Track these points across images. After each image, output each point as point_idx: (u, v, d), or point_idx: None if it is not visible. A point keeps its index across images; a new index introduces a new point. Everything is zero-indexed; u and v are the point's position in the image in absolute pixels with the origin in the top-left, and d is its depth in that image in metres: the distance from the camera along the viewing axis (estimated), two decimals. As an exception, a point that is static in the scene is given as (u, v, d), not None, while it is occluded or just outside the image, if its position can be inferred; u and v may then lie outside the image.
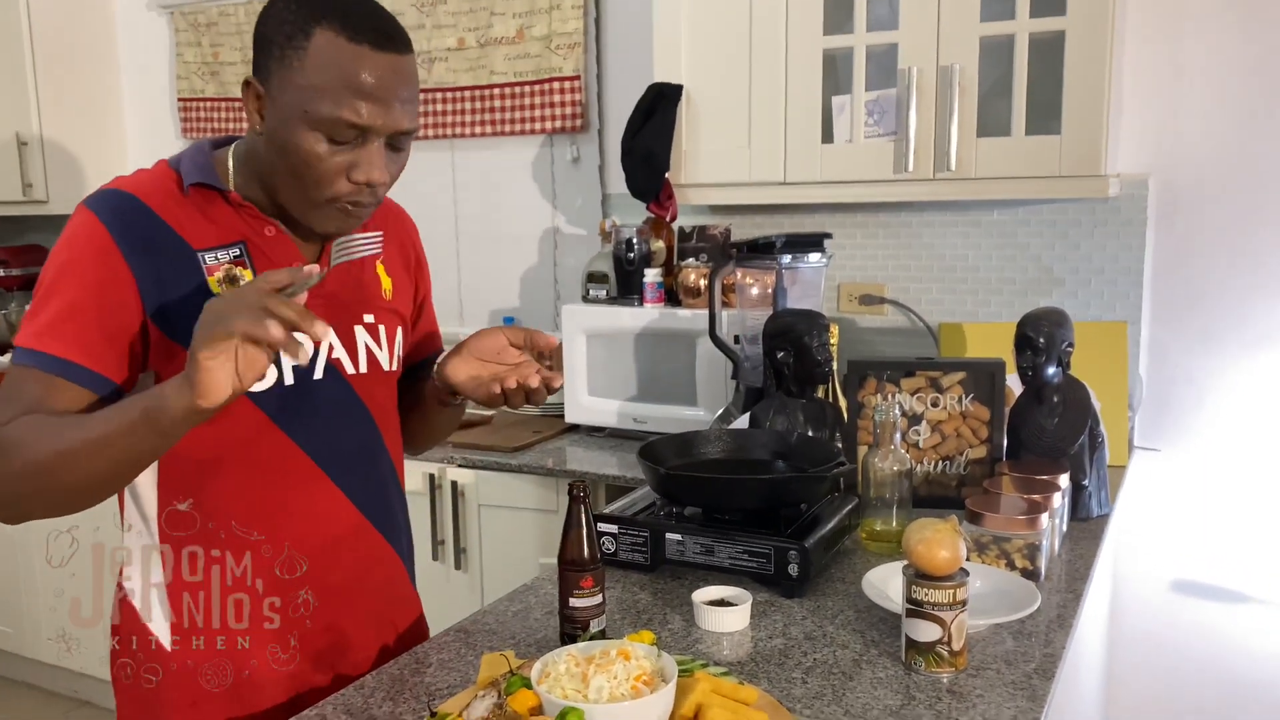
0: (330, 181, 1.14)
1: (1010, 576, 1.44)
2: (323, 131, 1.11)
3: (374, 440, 1.32)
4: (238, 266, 1.18)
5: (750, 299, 2.16)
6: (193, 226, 1.18)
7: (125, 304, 1.13)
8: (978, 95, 2.05)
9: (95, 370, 1.11)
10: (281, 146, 1.13)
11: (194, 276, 1.16)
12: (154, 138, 3.67)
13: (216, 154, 1.24)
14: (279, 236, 1.22)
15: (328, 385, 1.25)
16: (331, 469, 1.26)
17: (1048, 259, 2.33)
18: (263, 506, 1.22)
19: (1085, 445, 1.78)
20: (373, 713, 1.14)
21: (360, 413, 1.29)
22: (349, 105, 1.10)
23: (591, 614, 1.26)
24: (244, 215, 1.21)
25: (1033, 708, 1.14)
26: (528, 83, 2.89)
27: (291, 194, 1.17)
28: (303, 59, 1.10)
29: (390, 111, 1.12)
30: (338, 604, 1.28)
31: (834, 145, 2.22)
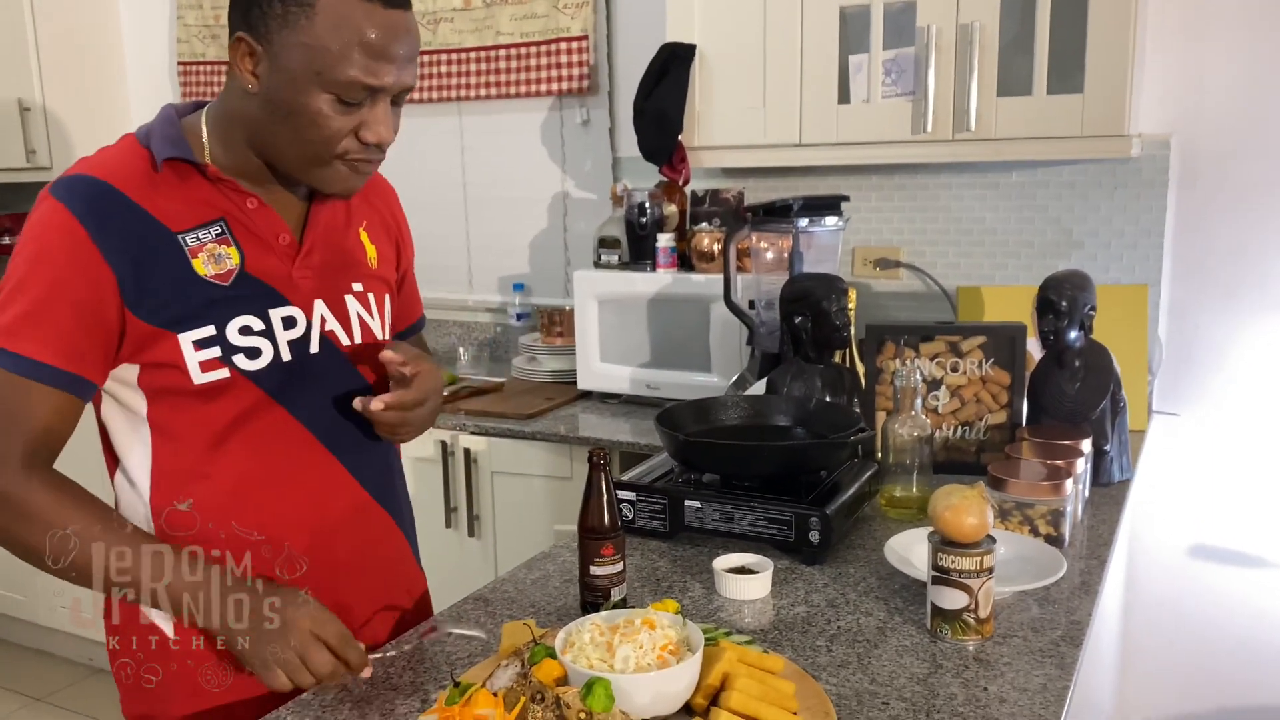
0: (337, 141, 1.11)
1: (1035, 543, 1.42)
2: (335, 93, 1.08)
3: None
4: (221, 245, 1.15)
5: (766, 263, 2.13)
6: (169, 207, 1.13)
7: (103, 300, 1.09)
8: (998, 53, 2.01)
9: (73, 372, 1.09)
10: (285, 107, 1.10)
11: (177, 260, 1.12)
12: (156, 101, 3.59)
13: (186, 122, 1.19)
14: (261, 209, 1.18)
15: (324, 358, 1.22)
16: (332, 443, 1.24)
17: (1067, 221, 2.29)
18: (266, 485, 1.19)
19: (1107, 410, 1.76)
20: (394, 683, 1.13)
21: (358, 385, 1.26)
22: (364, 66, 1.08)
23: (612, 582, 1.25)
24: (222, 189, 1.17)
25: (1061, 675, 1.12)
26: (535, 43, 2.84)
27: (293, 155, 1.14)
28: (310, 17, 1.06)
29: (398, 70, 1.11)
30: (343, 581, 1.25)
31: (851, 106, 2.17)
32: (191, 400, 1.14)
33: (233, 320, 1.15)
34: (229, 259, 1.15)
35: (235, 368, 1.15)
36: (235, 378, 1.15)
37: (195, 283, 1.12)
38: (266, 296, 1.17)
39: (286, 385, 1.19)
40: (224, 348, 1.14)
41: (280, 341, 1.18)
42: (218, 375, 1.14)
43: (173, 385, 1.14)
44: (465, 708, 0.94)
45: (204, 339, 1.13)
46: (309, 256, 1.22)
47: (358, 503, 1.27)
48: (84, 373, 1.10)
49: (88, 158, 1.15)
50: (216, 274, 1.14)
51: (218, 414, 1.16)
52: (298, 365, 1.20)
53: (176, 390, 1.14)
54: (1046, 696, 1.08)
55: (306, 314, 1.21)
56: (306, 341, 1.21)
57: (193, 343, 1.12)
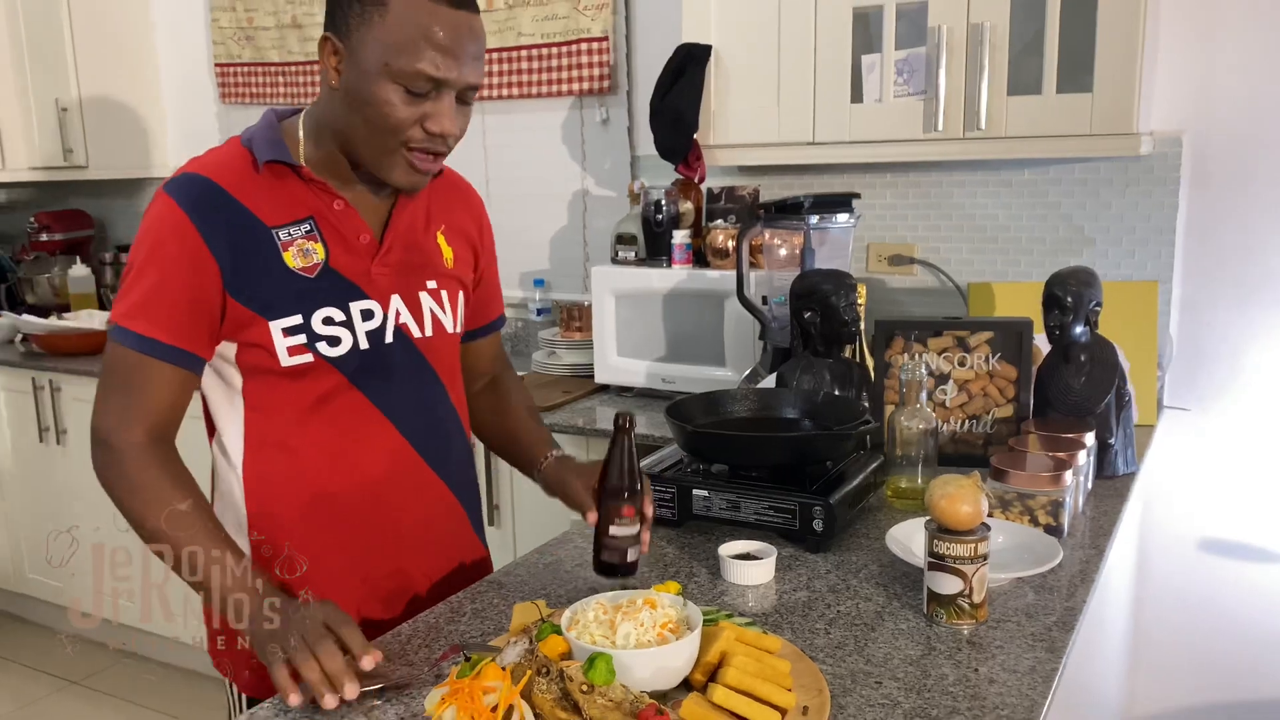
0: (404, 129, 1.21)
1: (1033, 532, 1.46)
2: (401, 84, 1.18)
3: (440, 397, 1.41)
4: (309, 241, 1.27)
5: (778, 260, 2.17)
6: (265, 204, 1.26)
7: (207, 283, 1.22)
8: (1008, 53, 2.04)
9: (182, 348, 1.22)
10: (361, 99, 1.20)
11: (270, 252, 1.25)
12: (192, 102, 3.72)
13: (286, 125, 1.31)
14: (347, 210, 1.30)
15: (397, 349, 1.34)
16: (401, 423, 1.35)
17: (1079, 218, 2.31)
18: (340, 458, 1.32)
19: (1112, 404, 1.79)
20: (410, 658, 1.19)
21: (428, 373, 1.38)
22: (427, 58, 1.17)
23: (630, 543, 1.28)
24: (314, 190, 1.29)
25: (1051, 658, 1.16)
26: (556, 44, 2.89)
27: (367, 146, 1.24)
28: (384, 15, 1.17)
29: (462, 66, 1.20)
30: (405, 548, 1.38)
31: (863, 105, 2.21)
32: (279, 379, 1.27)
33: (317, 311, 1.27)
34: (315, 254, 1.27)
35: (318, 353, 1.27)
36: (318, 362, 1.28)
37: (285, 274, 1.25)
38: (347, 290, 1.29)
39: (362, 371, 1.31)
40: (309, 335, 1.27)
41: (359, 331, 1.30)
42: (302, 359, 1.27)
43: (263, 365, 1.27)
44: (475, 680, 0.99)
45: (291, 326, 1.26)
46: (387, 255, 1.33)
47: (421, 478, 1.39)
48: (194, 349, 1.23)
49: (198, 157, 1.29)
50: (304, 267, 1.27)
51: (301, 393, 1.29)
52: (374, 353, 1.32)
53: (266, 370, 1.27)
54: (1034, 678, 1.12)
55: (383, 307, 1.32)
56: (382, 332, 1.32)
57: (281, 329, 1.25)
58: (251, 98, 3.54)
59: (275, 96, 3.48)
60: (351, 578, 1.35)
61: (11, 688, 3.24)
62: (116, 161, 3.66)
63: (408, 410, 1.36)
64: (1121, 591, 2.22)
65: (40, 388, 3.29)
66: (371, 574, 1.36)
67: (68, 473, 3.32)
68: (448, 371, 1.42)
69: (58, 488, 3.35)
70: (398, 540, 1.38)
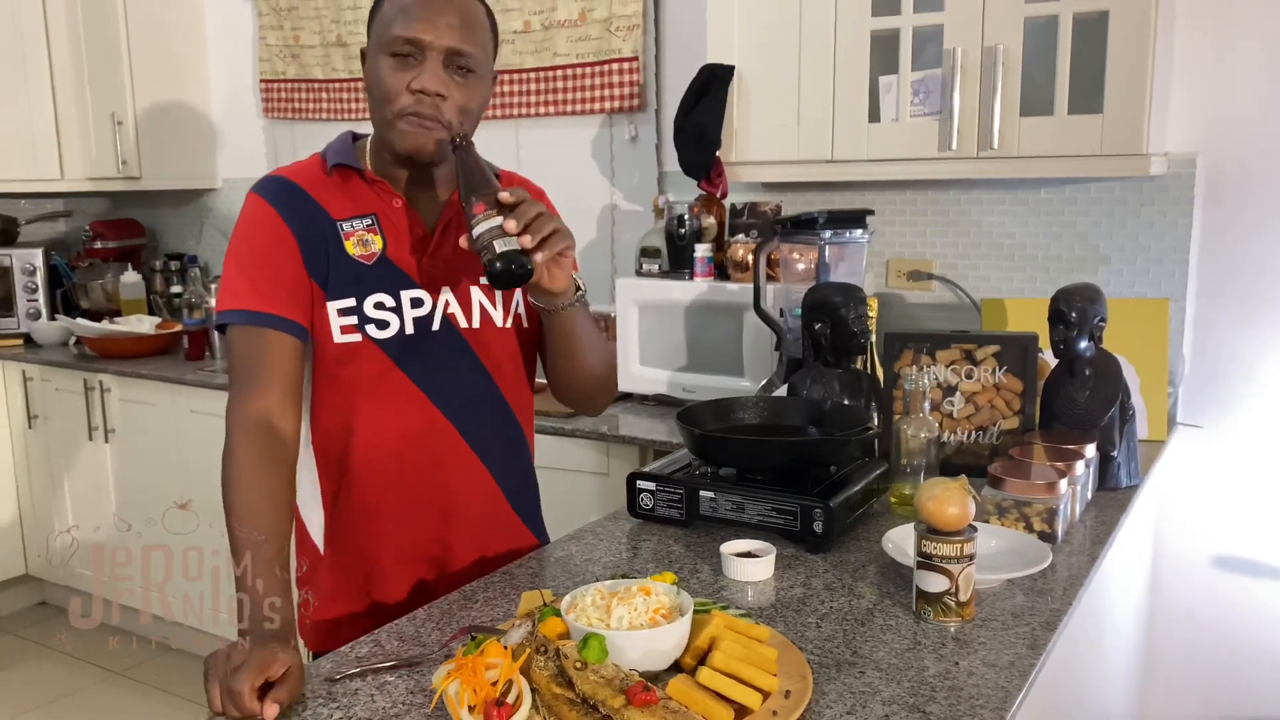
0: (396, 95, 1.35)
1: (1026, 537, 1.51)
2: (387, 52, 1.35)
3: (484, 385, 1.51)
4: (369, 233, 1.43)
5: (795, 273, 2.24)
6: (333, 201, 1.43)
7: (294, 263, 1.39)
8: (1021, 75, 2.09)
9: (287, 317, 1.37)
10: (370, 83, 1.40)
11: (334, 241, 1.42)
12: (238, 117, 3.87)
13: (358, 143, 1.49)
14: (404, 209, 1.45)
15: (443, 335, 1.46)
16: (443, 405, 1.47)
17: (1094, 236, 2.36)
18: (384, 435, 1.45)
19: (1115, 417, 1.83)
20: (423, 640, 1.27)
21: (472, 360, 1.49)
22: (400, 23, 1.34)
23: (493, 235, 1.25)
24: (377, 190, 1.45)
25: (1031, 654, 1.21)
26: (589, 64, 2.99)
27: (379, 123, 1.40)
28: (382, 8, 1.39)
29: (436, 28, 1.34)
30: (448, 522, 1.51)
31: (880, 124, 2.27)
32: (333, 359, 1.42)
33: (370, 295, 1.41)
34: (374, 244, 1.43)
35: (367, 335, 1.42)
36: (366, 343, 1.42)
37: (345, 260, 1.41)
38: (399, 279, 1.43)
39: (408, 354, 1.44)
40: (360, 317, 1.41)
41: (406, 317, 1.43)
42: (351, 339, 1.41)
43: (319, 343, 1.41)
44: (478, 657, 1.07)
45: (346, 308, 1.41)
46: (439, 249, 1.46)
47: (463, 459, 1.50)
48: (296, 318, 1.39)
49: (281, 166, 1.51)
50: (362, 255, 1.42)
51: (351, 373, 1.42)
52: (419, 339, 1.44)
53: (321, 348, 1.42)
54: (1012, 672, 1.17)
55: (433, 297, 1.45)
56: (430, 320, 1.45)
57: (337, 309, 1.40)
58: (294, 113, 3.68)
59: (317, 112, 3.61)
60: (401, 542, 1.49)
61: (57, 677, 3.37)
62: (167, 173, 3.82)
63: (450, 394, 1.47)
64: (1133, 608, 2.25)
65: (91, 388, 3.44)
66: (418, 540, 1.50)
67: (113, 470, 3.46)
68: (495, 362, 1.51)
69: (103, 484, 3.49)
70: (441, 515, 1.50)
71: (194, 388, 3.17)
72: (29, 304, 3.81)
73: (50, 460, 3.65)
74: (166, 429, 3.29)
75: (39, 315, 3.81)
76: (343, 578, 1.50)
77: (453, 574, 1.52)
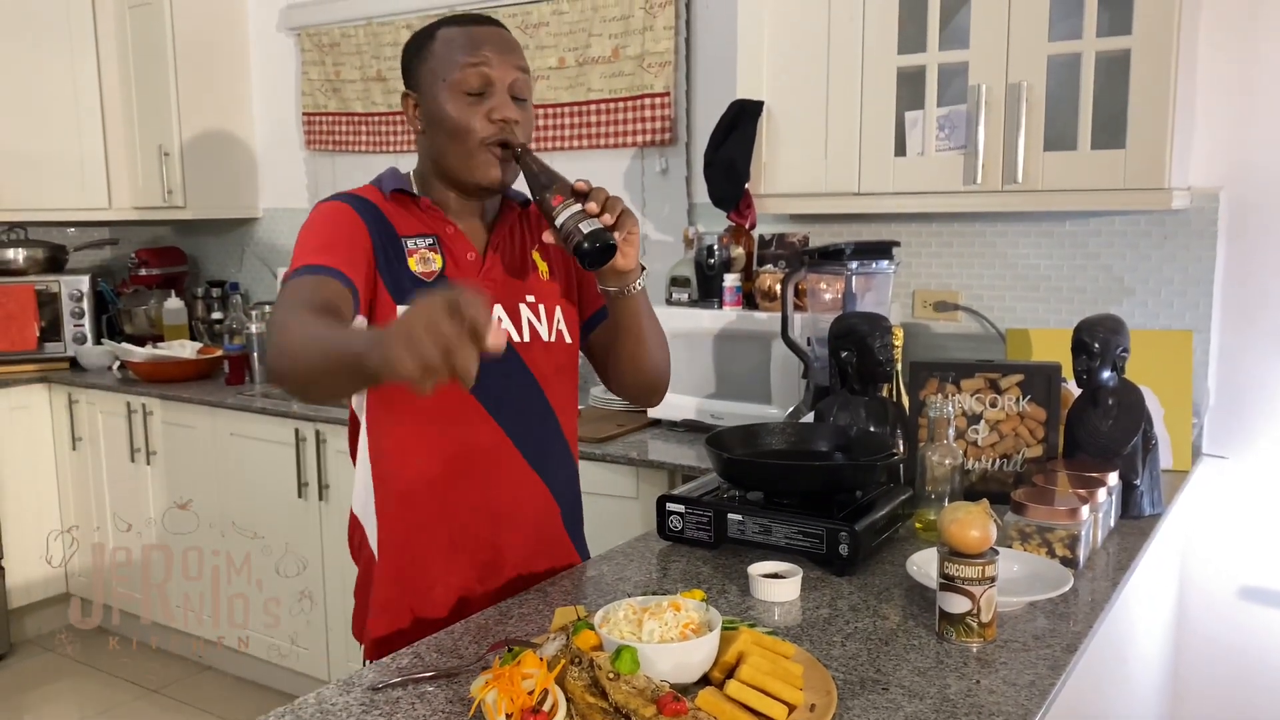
0: (474, 127, 1.45)
1: (1048, 562, 1.54)
2: (458, 88, 1.45)
3: (536, 396, 1.58)
4: (431, 252, 1.51)
5: (822, 303, 2.29)
6: (398, 219, 1.52)
7: (366, 252, 1.46)
8: (1045, 111, 2.14)
9: (349, 275, 1.41)
10: (438, 121, 1.47)
11: (400, 255, 1.50)
12: (280, 149, 3.98)
13: (404, 174, 1.58)
14: (457, 234, 1.54)
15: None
16: (498, 414, 1.54)
17: (1118, 269, 2.39)
18: (443, 448, 1.52)
19: (1138, 446, 1.86)
20: (460, 652, 1.32)
21: (525, 374, 1.56)
22: (468, 57, 1.44)
23: (578, 219, 1.35)
24: (432, 216, 1.53)
25: (1051, 674, 1.24)
26: (622, 99, 3.07)
27: (456, 158, 1.48)
28: (432, 50, 1.48)
29: (501, 57, 1.45)
30: (499, 528, 1.56)
31: (906, 158, 2.33)
32: None
33: None
34: (434, 263, 1.51)
35: None
36: None
37: (409, 274, 1.49)
38: None
39: None
40: None
41: None
42: None
43: None
44: (515, 667, 1.12)
45: None
46: (490, 271, 1.55)
47: (516, 468, 1.56)
48: (355, 280, 1.42)
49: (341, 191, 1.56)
50: (424, 272, 1.49)
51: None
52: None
53: None
54: (1032, 691, 1.20)
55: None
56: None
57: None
58: (335, 145, 3.79)
59: (357, 145, 3.71)
60: (451, 547, 1.55)
61: (93, 694, 3.44)
62: (211, 203, 3.94)
63: (505, 405, 1.54)
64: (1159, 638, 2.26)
65: (134, 411, 3.53)
66: (468, 545, 1.56)
67: (154, 491, 3.54)
68: (544, 376, 1.58)
69: (143, 505, 3.58)
70: (493, 521, 1.56)
71: (234, 411, 3.25)
72: (75, 328, 3.92)
73: (93, 481, 3.75)
74: (207, 451, 3.37)
75: (85, 340, 3.92)
76: (395, 588, 1.56)
77: (497, 588, 1.57)
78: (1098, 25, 2.09)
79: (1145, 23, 2.03)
